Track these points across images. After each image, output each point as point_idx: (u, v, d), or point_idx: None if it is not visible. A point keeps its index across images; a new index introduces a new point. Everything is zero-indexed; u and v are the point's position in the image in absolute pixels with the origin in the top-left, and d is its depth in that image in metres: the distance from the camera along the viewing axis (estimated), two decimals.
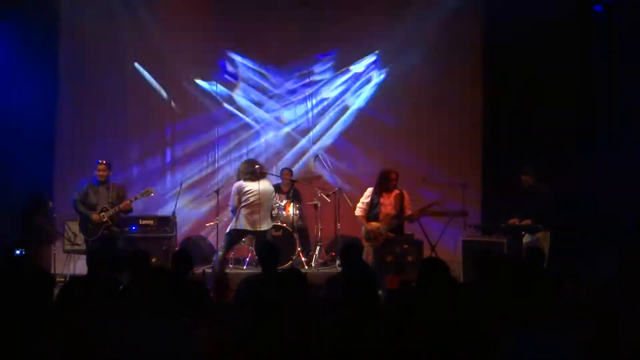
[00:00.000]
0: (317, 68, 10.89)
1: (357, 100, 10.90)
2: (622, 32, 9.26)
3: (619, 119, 9.29)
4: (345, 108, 10.93)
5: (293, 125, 10.97)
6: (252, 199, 8.09)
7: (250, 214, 8.13)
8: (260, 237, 8.22)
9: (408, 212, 8.15)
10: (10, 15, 9.65)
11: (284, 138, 10.97)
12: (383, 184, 8.21)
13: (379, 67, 10.83)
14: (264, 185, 8.21)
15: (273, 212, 9.64)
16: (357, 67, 10.86)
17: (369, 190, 8.31)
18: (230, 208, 8.35)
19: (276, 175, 9.80)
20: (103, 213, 8.11)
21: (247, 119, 10.91)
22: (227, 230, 8.37)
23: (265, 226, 8.22)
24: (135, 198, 8.31)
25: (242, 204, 8.10)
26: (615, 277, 8.29)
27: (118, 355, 3.45)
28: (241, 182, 8.19)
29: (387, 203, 8.15)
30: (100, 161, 8.32)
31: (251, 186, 8.12)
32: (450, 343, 3.74)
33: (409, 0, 10.53)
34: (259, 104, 10.92)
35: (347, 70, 10.89)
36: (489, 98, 10.32)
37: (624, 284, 7.76)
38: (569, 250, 8.69)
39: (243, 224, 8.14)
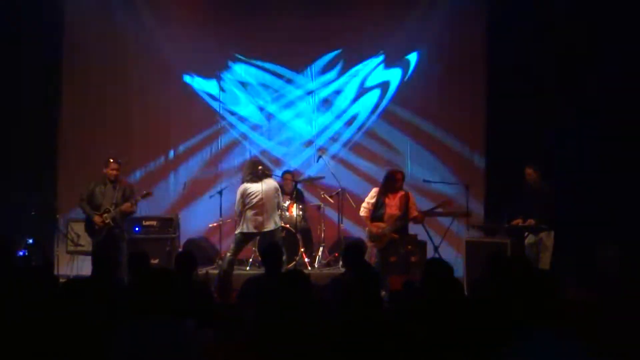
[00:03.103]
0: (322, 69, 10.86)
1: (361, 102, 10.87)
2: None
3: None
4: (349, 109, 10.90)
5: (295, 126, 10.94)
6: (255, 201, 8.09)
7: (255, 216, 8.12)
8: (267, 238, 8.20)
9: (414, 213, 8.13)
10: (11, 15, 9.65)
11: (287, 139, 10.94)
12: (389, 185, 8.19)
13: (383, 68, 10.80)
14: (267, 185, 8.20)
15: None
16: (362, 68, 10.82)
17: (374, 190, 8.29)
18: (237, 211, 8.30)
19: (278, 176, 9.79)
20: (105, 214, 7.95)
21: (250, 120, 10.89)
22: (235, 232, 8.37)
23: (271, 226, 8.18)
24: (136, 200, 8.14)
25: (247, 207, 8.11)
26: (616, 277, 8.29)
27: (120, 356, 3.44)
28: (245, 185, 8.19)
29: (392, 204, 8.12)
30: (111, 159, 8.09)
31: (254, 188, 8.12)
32: (452, 344, 3.73)
33: (413, 1, 10.55)
34: (261, 105, 10.90)
35: (351, 72, 10.85)
36: (493, 97, 10.29)
37: (625, 284, 7.76)
38: (573, 250, 8.67)
39: (248, 226, 8.14)
